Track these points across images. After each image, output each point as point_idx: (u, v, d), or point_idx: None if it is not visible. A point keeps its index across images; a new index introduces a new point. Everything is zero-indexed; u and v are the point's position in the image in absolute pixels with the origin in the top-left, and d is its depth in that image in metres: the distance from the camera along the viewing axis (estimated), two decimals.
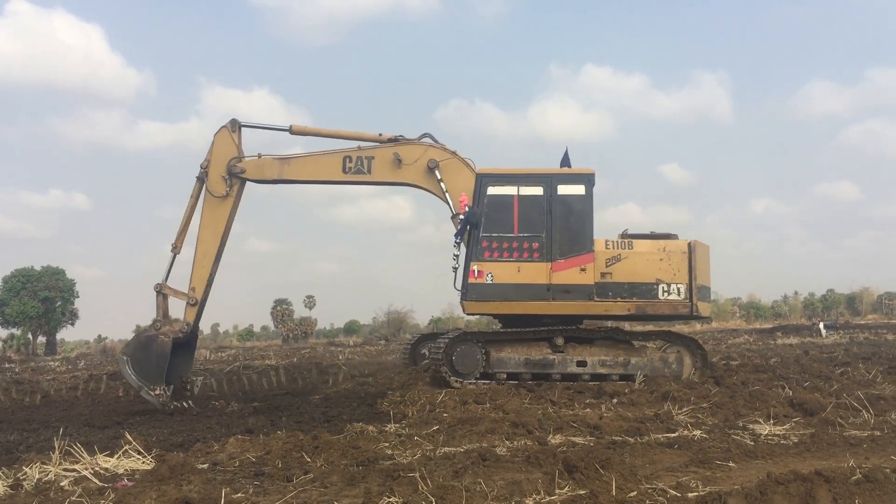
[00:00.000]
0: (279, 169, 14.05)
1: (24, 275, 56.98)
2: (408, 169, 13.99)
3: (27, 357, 45.10)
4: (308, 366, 21.17)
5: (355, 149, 14.07)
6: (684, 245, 13.65)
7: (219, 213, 13.77)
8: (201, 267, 13.64)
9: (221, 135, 13.91)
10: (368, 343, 45.63)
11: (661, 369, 13.48)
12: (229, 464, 7.68)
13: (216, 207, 13.76)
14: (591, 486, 5.83)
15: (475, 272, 13.33)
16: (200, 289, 13.62)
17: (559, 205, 13.47)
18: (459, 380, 13.08)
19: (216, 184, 13.75)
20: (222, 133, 13.92)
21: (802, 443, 8.23)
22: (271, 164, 14.02)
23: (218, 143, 13.87)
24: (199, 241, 13.69)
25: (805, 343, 28.95)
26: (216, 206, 13.76)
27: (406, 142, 14.11)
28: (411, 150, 14.05)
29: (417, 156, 14.00)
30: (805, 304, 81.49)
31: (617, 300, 13.39)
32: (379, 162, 14.01)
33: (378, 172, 14.05)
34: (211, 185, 13.74)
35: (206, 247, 13.71)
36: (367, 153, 14.03)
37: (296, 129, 14.23)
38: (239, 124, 13.99)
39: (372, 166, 14.00)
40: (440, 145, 14.18)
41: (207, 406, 13.55)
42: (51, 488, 6.56)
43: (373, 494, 5.88)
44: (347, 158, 14.00)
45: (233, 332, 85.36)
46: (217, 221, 13.77)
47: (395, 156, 13.90)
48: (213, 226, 13.75)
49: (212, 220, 13.76)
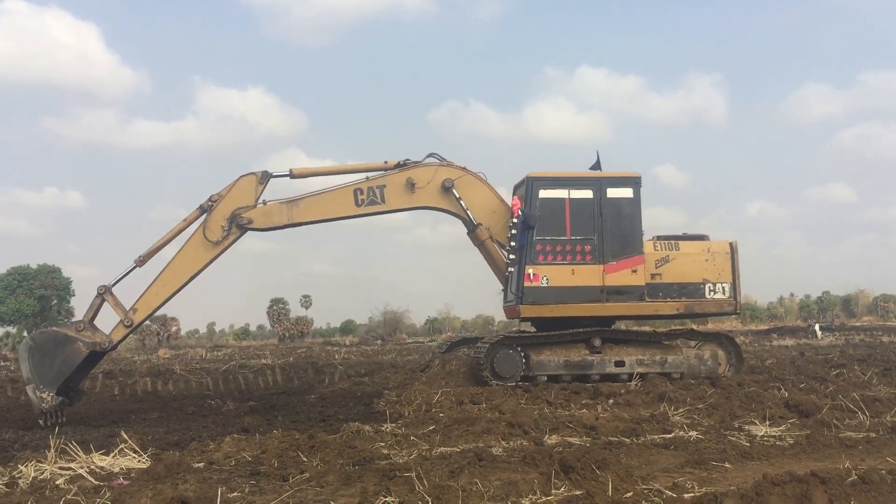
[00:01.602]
0: (288, 213, 13.34)
1: (19, 273, 56.94)
2: (422, 192, 13.75)
3: None
4: (304, 365, 21.17)
5: (364, 180, 13.62)
6: (727, 245, 14.10)
7: (201, 255, 12.94)
8: (155, 295, 12.73)
9: (247, 181, 13.25)
10: (365, 343, 45.66)
11: (697, 367, 13.77)
12: (225, 463, 7.66)
13: (201, 249, 12.92)
14: (587, 487, 5.83)
15: (530, 275, 13.40)
16: (142, 315, 12.79)
17: (609, 208, 13.66)
18: (501, 383, 13.14)
19: (213, 227, 12.94)
20: (248, 179, 13.25)
21: (798, 444, 8.25)
22: (279, 210, 13.31)
23: (239, 187, 13.19)
24: (167, 270, 12.82)
25: (801, 345, 29.01)
26: (201, 248, 12.92)
27: (414, 165, 13.86)
28: (422, 172, 13.82)
29: (430, 177, 13.82)
30: (801, 306, 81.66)
31: (667, 300, 13.74)
32: (391, 189, 13.65)
33: (392, 200, 13.68)
34: (209, 226, 12.93)
35: (170, 278, 12.82)
36: (377, 182, 13.61)
37: (296, 173, 13.66)
38: (270, 177, 13.34)
39: (385, 195, 13.60)
40: (448, 162, 14.09)
41: (204, 405, 13.54)
42: (46, 486, 6.54)
43: (369, 494, 5.88)
44: (359, 191, 13.52)
45: (229, 331, 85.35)
46: (195, 262, 12.94)
47: (407, 181, 13.60)
48: (189, 264, 12.91)
49: (190, 258, 12.91)
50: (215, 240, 12.88)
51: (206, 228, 12.91)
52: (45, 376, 11.78)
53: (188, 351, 37.19)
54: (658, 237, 14.11)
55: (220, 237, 12.91)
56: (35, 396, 11.70)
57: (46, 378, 11.77)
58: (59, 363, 11.91)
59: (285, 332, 67.83)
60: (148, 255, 12.81)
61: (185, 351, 37.37)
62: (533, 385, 13.13)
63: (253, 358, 26.67)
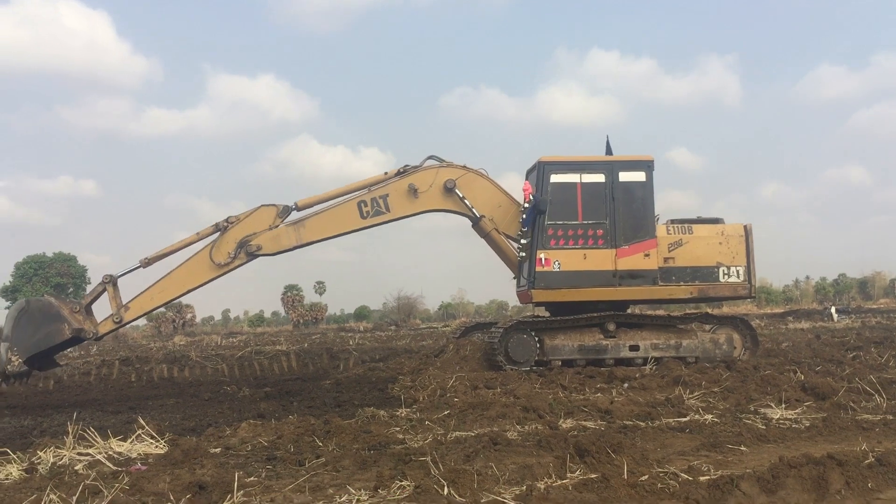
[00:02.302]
0: (296, 235, 13.51)
1: (36, 261, 57.33)
2: (425, 196, 13.84)
3: None
4: (319, 351, 21.27)
5: (366, 192, 13.69)
6: (741, 228, 14.03)
7: (204, 273, 13.14)
8: (150, 299, 12.98)
9: (267, 211, 13.36)
10: (379, 328, 45.73)
11: (712, 350, 13.75)
12: (241, 448, 7.71)
13: (206, 268, 13.12)
14: (602, 470, 5.83)
15: (542, 260, 13.40)
16: (133, 314, 12.98)
17: (621, 191, 13.66)
18: (515, 367, 13.15)
19: (222, 250, 13.11)
20: (269, 210, 13.36)
21: (814, 427, 8.21)
22: (287, 233, 13.50)
23: (258, 215, 13.30)
24: (168, 278, 13.03)
25: (817, 327, 28.87)
26: (206, 267, 13.11)
27: (414, 170, 13.93)
28: (423, 176, 13.90)
29: (431, 180, 13.88)
30: (816, 289, 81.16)
31: (680, 284, 13.73)
32: (394, 197, 13.75)
33: (396, 208, 13.78)
34: (218, 248, 13.11)
35: (168, 287, 13.05)
36: (379, 192, 13.70)
37: (301, 204, 13.71)
38: (290, 211, 13.43)
39: (389, 204, 13.71)
40: (448, 163, 14.09)
41: (219, 391, 13.62)
42: (65, 472, 6.61)
43: (385, 478, 5.90)
44: (362, 203, 13.65)
45: (243, 317, 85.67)
46: (196, 278, 13.16)
47: (409, 187, 13.69)
48: (191, 279, 13.13)
49: (193, 273, 13.13)
50: (220, 262, 13.08)
51: (214, 249, 13.11)
52: (22, 341, 12.04)
53: (203, 338, 37.42)
54: (672, 221, 14.05)
55: (226, 261, 13.08)
56: (4, 356, 11.90)
57: (22, 343, 12.04)
58: (40, 335, 12.17)
59: (299, 318, 68.05)
60: (154, 259, 13.08)
61: (200, 338, 37.60)
62: (547, 370, 13.15)
63: (268, 344, 26.81)
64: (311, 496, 5.73)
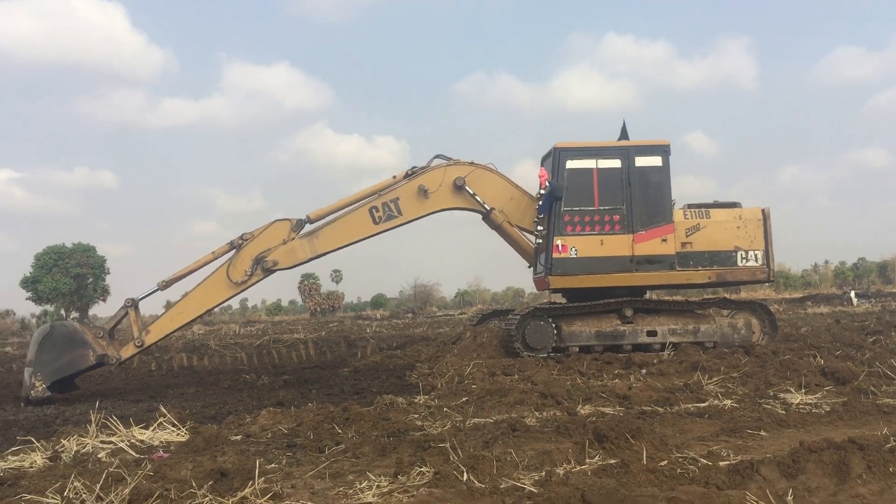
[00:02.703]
0: (311, 247, 13.46)
1: (55, 252, 57.75)
2: (435, 196, 13.78)
3: None
4: (336, 339, 21.36)
5: (376, 197, 13.66)
6: (759, 212, 13.91)
7: (222, 292, 13.11)
8: (170, 321, 12.97)
9: (281, 226, 13.34)
10: (396, 316, 45.85)
11: (730, 335, 13.69)
12: (262, 435, 7.78)
13: (223, 287, 13.06)
14: (621, 456, 5.83)
15: (559, 247, 13.38)
16: (154, 337, 12.94)
17: (638, 177, 13.56)
18: (532, 354, 13.17)
19: (238, 268, 13.03)
20: (282, 225, 13.34)
21: (835, 411, 8.17)
22: (302, 246, 13.41)
23: (271, 231, 13.27)
24: (187, 299, 13.03)
25: (836, 312, 28.67)
26: (223, 286, 13.06)
27: (422, 170, 13.89)
28: (432, 176, 13.85)
29: (440, 180, 13.84)
30: (836, 273, 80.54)
31: (698, 269, 13.64)
32: (405, 200, 13.70)
33: (408, 210, 13.71)
34: (234, 265, 13.03)
35: (188, 308, 13.04)
36: (390, 196, 13.66)
37: (314, 216, 13.62)
38: (304, 224, 13.42)
39: (400, 206, 13.65)
40: (456, 160, 14.06)
41: (239, 379, 13.72)
42: (89, 460, 6.70)
43: (404, 464, 5.93)
44: (374, 209, 13.60)
45: (261, 306, 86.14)
46: (214, 298, 13.16)
47: (419, 188, 13.65)
48: (209, 299, 13.12)
49: (210, 294, 13.09)
50: (237, 280, 13.03)
51: (231, 268, 13.05)
52: (45, 367, 11.98)
53: (222, 327, 37.65)
54: (689, 205, 13.97)
55: (243, 279, 13.06)
56: (28, 381, 11.91)
57: (46, 369, 11.97)
58: (63, 362, 12.13)
59: (317, 306, 68.37)
60: (172, 281, 12.99)
61: (218, 326, 37.83)
62: (565, 356, 13.14)
63: (286, 333, 26.94)
64: (332, 482, 5.77)
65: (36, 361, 11.92)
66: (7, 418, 10.41)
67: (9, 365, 17.87)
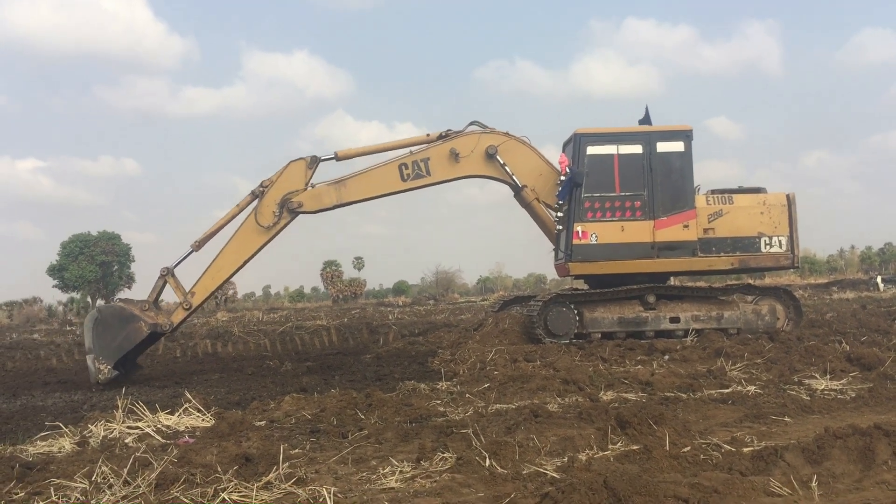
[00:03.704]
0: (336, 194, 13.57)
1: (81, 240, 58.32)
2: (466, 161, 13.79)
3: None
4: (359, 326, 21.46)
5: (407, 154, 13.70)
6: (783, 198, 13.76)
7: (254, 240, 13.23)
8: (211, 279, 13.14)
9: (297, 166, 13.41)
10: (417, 303, 45.90)
11: (754, 322, 13.63)
12: (286, 421, 7.85)
13: (254, 234, 13.21)
14: (644, 441, 5.82)
15: (579, 233, 13.36)
16: (200, 297, 13.14)
17: (659, 162, 13.50)
18: (554, 340, 13.17)
19: (265, 213, 13.17)
20: (298, 165, 13.40)
21: (860, 397, 8.10)
22: (328, 191, 13.55)
23: (289, 172, 13.37)
24: (222, 255, 13.16)
25: (862, 297, 28.36)
26: (254, 233, 13.21)
27: (457, 134, 13.88)
28: (465, 141, 13.84)
29: (473, 146, 13.83)
30: (862, 259, 79.45)
31: (720, 255, 13.55)
32: (436, 161, 13.72)
33: (437, 172, 13.75)
34: (260, 211, 13.18)
35: (225, 263, 13.20)
36: (421, 155, 13.68)
37: (341, 155, 13.75)
38: (319, 161, 13.52)
39: (430, 167, 13.68)
40: (491, 129, 14.03)
41: (262, 366, 13.83)
42: (116, 445, 6.79)
43: (427, 450, 5.96)
44: (403, 166, 13.63)
45: (284, 293, 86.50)
46: (248, 247, 13.25)
47: (450, 151, 13.67)
48: (243, 249, 13.24)
49: (243, 244, 13.23)
50: (267, 225, 13.15)
51: (258, 214, 13.19)
52: (105, 349, 12.21)
53: (245, 313, 37.87)
54: (713, 191, 13.85)
55: (272, 222, 13.18)
56: (93, 366, 12.12)
57: (106, 351, 12.20)
58: (120, 339, 12.36)
59: (339, 293, 68.50)
60: (204, 240, 13.20)
61: (242, 313, 38.07)
62: (587, 342, 13.12)
63: (308, 319, 27.08)
64: (355, 468, 5.81)
65: (94, 347, 12.19)
66: (35, 404, 10.57)
67: (36, 352, 18.10)
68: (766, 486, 4.70)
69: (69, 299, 59.03)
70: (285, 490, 5.19)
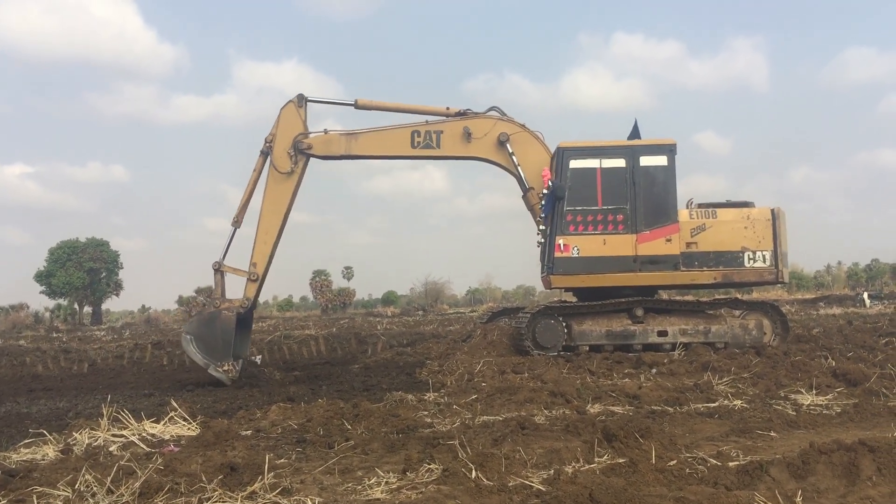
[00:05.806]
0: (346, 144, 13.81)
1: (69, 246, 58.03)
2: (477, 143, 13.92)
3: (74, 327, 46.19)
4: (347, 336, 21.41)
5: (423, 123, 13.90)
6: (768, 212, 13.78)
7: (282, 189, 13.47)
8: (263, 243, 13.40)
9: (288, 110, 13.63)
10: (406, 313, 45.88)
11: (741, 336, 13.63)
12: (272, 430, 7.82)
13: (280, 183, 13.46)
14: (630, 455, 5.82)
15: (561, 246, 13.38)
16: (262, 265, 13.37)
17: (642, 176, 13.53)
18: (542, 353, 13.17)
19: (281, 159, 13.44)
20: (288, 108, 13.63)
21: (846, 413, 8.13)
22: (338, 140, 13.78)
23: (284, 118, 13.60)
24: (262, 217, 13.42)
25: (849, 313, 28.50)
26: (280, 182, 13.46)
27: (475, 115, 14.05)
28: (481, 123, 13.99)
29: (487, 129, 13.96)
30: (849, 275, 79.89)
31: (703, 269, 13.55)
32: (448, 136, 13.89)
33: (447, 146, 13.91)
34: (276, 160, 13.44)
35: (268, 223, 13.44)
36: (435, 127, 13.88)
37: (361, 104, 13.94)
38: (306, 99, 13.73)
39: (441, 140, 13.86)
40: (509, 118, 14.13)
41: (249, 375, 13.78)
42: (100, 453, 6.74)
43: (413, 461, 5.95)
44: (416, 133, 13.84)
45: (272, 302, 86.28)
46: (280, 198, 13.49)
47: (464, 130, 13.82)
48: (277, 202, 13.48)
49: (275, 197, 13.47)
50: (287, 170, 13.49)
51: (275, 163, 13.52)
52: (215, 353, 12.63)
53: None
54: (699, 205, 13.90)
55: (291, 166, 13.50)
56: (218, 374, 12.51)
57: (217, 354, 12.64)
58: (219, 337, 12.76)
59: (328, 303, 68.37)
60: (239, 214, 13.52)
61: None
62: (575, 355, 13.13)
63: (297, 329, 27.01)
64: (341, 478, 5.79)
65: (207, 358, 12.59)
66: (20, 411, 10.50)
67: (22, 358, 17.99)
68: (751, 501, 4.71)
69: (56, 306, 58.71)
70: (270, 500, 5.16)
